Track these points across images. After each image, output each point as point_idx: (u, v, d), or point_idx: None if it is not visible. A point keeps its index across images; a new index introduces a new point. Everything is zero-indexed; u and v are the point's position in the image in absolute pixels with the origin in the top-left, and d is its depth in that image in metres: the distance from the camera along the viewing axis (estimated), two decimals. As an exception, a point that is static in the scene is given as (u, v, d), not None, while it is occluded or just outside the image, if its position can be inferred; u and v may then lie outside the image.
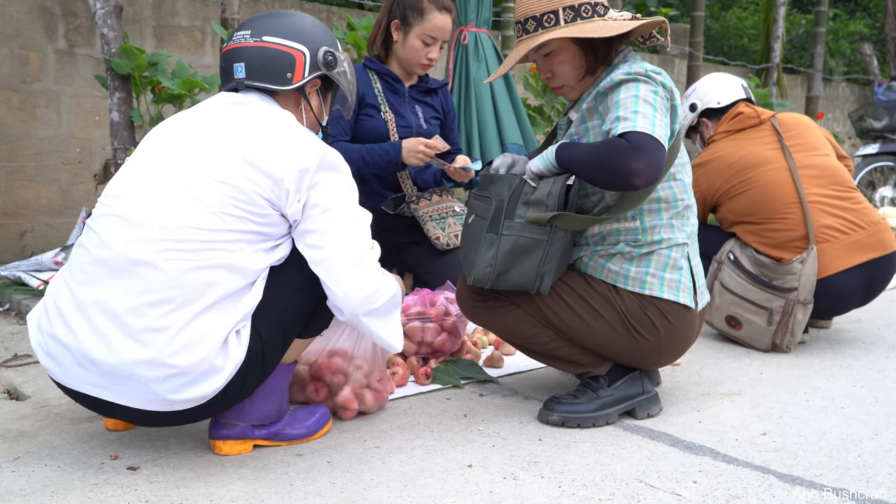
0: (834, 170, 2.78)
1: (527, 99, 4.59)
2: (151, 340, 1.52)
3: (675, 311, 1.95)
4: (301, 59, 1.76)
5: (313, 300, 1.71)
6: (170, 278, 1.53)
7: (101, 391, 1.58)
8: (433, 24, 2.76)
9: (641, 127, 1.74)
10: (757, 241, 2.73)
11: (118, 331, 1.53)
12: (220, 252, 1.57)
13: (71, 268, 1.64)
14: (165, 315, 1.53)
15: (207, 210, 1.58)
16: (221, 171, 1.60)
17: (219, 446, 1.74)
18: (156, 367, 1.52)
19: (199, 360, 1.53)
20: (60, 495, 1.54)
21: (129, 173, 1.68)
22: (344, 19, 5.10)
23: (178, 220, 1.56)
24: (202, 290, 1.55)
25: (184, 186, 1.60)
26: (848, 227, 2.69)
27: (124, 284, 1.54)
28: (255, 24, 1.77)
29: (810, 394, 2.27)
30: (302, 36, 1.77)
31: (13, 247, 4.13)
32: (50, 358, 1.61)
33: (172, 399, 1.55)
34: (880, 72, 10.58)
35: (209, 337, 1.54)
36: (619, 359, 2.01)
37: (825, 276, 2.65)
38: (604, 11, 1.97)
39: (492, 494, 1.57)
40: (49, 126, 4.19)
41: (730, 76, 3.04)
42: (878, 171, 6.83)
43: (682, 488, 1.62)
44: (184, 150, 1.66)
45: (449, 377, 2.28)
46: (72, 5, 4.21)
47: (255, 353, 1.61)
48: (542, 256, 1.86)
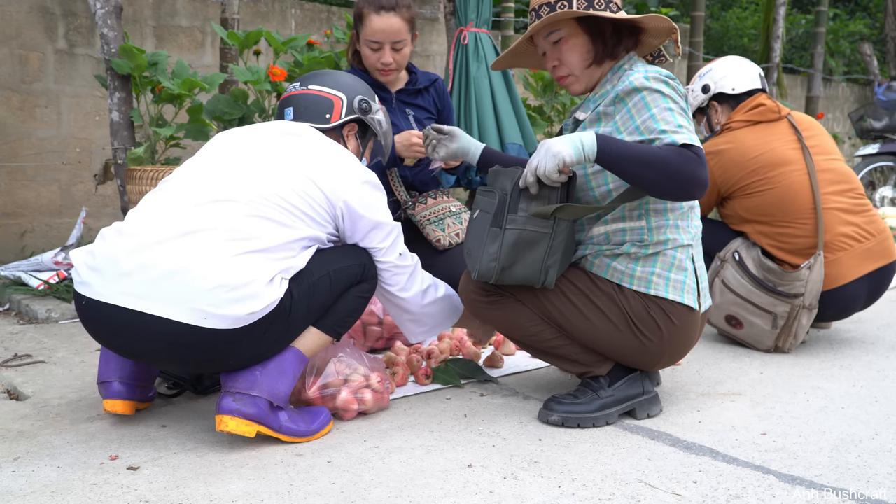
0: (849, 176, 2.75)
1: (527, 99, 4.59)
2: (210, 254, 1.69)
3: (679, 313, 1.95)
4: (339, 103, 2.09)
5: (336, 292, 1.88)
6: (237, 218, 1.75)
7: (138, 301, 1.68)
8: (371, 29, 2.67)
9: (696, 142, 1.80)
10: (770, 243, 2.69)
11: (181, 245, 1.70)
12: (283, 213, 1.80)
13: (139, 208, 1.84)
14: (227, 241, 1.71)
15: (283, 185, 1.82)
16: (299, 167, 1.87)
17: (225, 421, 1.73)
18: (208, 275, 1.66)
19: (249, 280, 1.69)
20: (60, 495, 1.54)
21: (209, 164, 1.89)
22: (344, 19, 5.11)
23: (259, 188, 1.80)
24: (261, 234, 1.75)
25: (267, 170, 1.85)
26: (862, 235, 2.67)
27: (194, 216, 1.75)
28: (304, 78, 2.15)
29: (810, 394, 2.27)
30: (340, 86, 2.12)
31: (13, 247, 4.14)
32: (93, 271, 1.73)
33: (210, 311, 1.66)
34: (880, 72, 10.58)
35: (260, 269, 1.72)
36: (621, 359, 2.01)
37: (838, 285, 2.63)
38: (616, 10, 1.98)
39: (492, 494, 1.57)
40: (49, 126, 4.19)
41: (748, 62, 2.92)
42: (878, 171, 6.83)
43: (682, 488, 1.62)
44: (263, 150, 1.90)
45: (449, 377, 2.28)
46: (72, 5, 4.21)
47: (285, 307, 1.75)
48: (547, 249, 1.86)
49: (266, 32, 3.35)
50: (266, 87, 3.24)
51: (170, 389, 2.14)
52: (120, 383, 1.87)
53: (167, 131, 3.11)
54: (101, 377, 1.89)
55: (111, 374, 1.87)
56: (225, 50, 3.73)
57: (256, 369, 1.77)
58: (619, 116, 1.90)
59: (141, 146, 3.13)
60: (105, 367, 1.89)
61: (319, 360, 1.99)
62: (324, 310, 1.87)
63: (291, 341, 1.83)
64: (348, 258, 1.91)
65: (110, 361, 1.89)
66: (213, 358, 1.74)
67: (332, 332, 1.90)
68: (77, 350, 2.60)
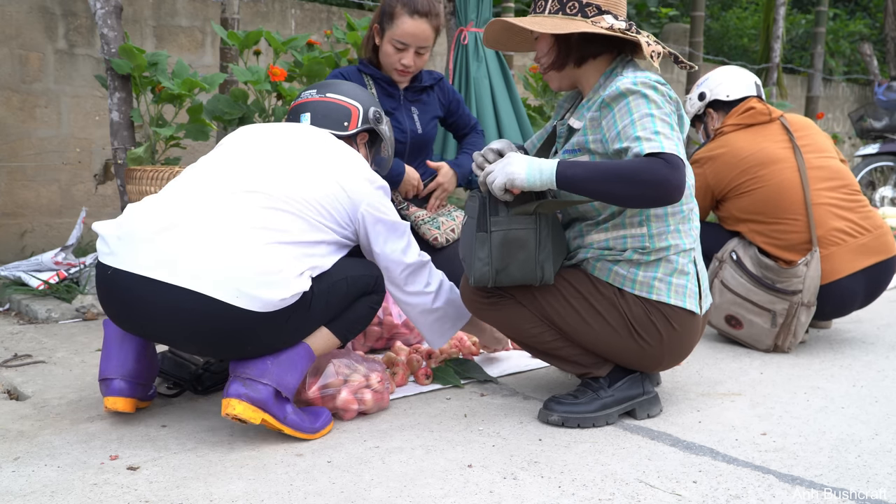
0: (842, 173, 2.77)
1: (527, 99, 4.59)
2: (246, 236, 1.74)
3: (680, 317, 1.95)
4: (356, 112, 2.19)
5: (350, 297, 1.93)
6: (271, 214, 1.79)
7: (169, 274, 1.69)
8: (402, 30, 2.69)
9: (669, 148, 1.76)
10: (765, 241, 2.71)
11: (216, 225, 1.74)
12: (314, 212, 1.85)
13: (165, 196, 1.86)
14: (262, 229, 1.76)
15: (313, 188, 1.88)
16: (327, 169, 1.93)
17: (233, 405, 1.73)
18: (243, 254, 1.70)
19: (281, 268, 1.73)
20: (60, 495, 1.54)
21: (232, 159, 1.92)
22: (344, 19, 5.11)
23: (291, 188, 1.85)
24: (292, 230, 1.80)
25: (298, 170, 1.90)
26: (856, 230, 2.69)
27: (230, 209, 1.78)
28: (319, 86, 2.23)
29: (810, 394, 2.27)
30: (357, 97, 2.22)
31: (13, 247, 4.14)
32: (120, 241, 1.76)
33: (240, 289, 1.68)
34: (880, 72, 10.58)
35: (290, 260, 1.76)
36: (620, 361, 2.01)
37: (833, 279, 2.65)
38: (593, 13, 1.93)
39: (492, 494, 1.57)
40: (49, 126, 4.19)
41: (745, 71, 2.98)
42: (878, 171, 6.83)
43: (682, 488, 1.62)
44: (288, 149, 1.95)
45: (449, 377, 2.28)
46: (72, 5, 4.21)
47: (307, 300, 1.79)
48: (536, 245, 1.87)
49: (266, 32, 3.35)
50: (266, 87, 3.24)
51: (170, 389, 2.14)
52: (121, 381, 1.86)
53: (167, 131, 3.11)
54: (102, 374, 1.88)
55: (112, 372, 1.87)
56: (225, 50, 3.73)
57: (268, 359, 1.79)
58: (604, 122, 1.88)
59: (141, 146, 3.12)
60: (106, 364, 1.88)
61: (319, 360, 1.99)
62: (338, 311, 1.91)
63: (306, 336, 1.87)
64: (364, 268, 1.97)
65: (111, 359, 1.88)
66: (232, 341, 1.75)
67: (341, 335, 1.94)
68: (77, 350, 2.60)
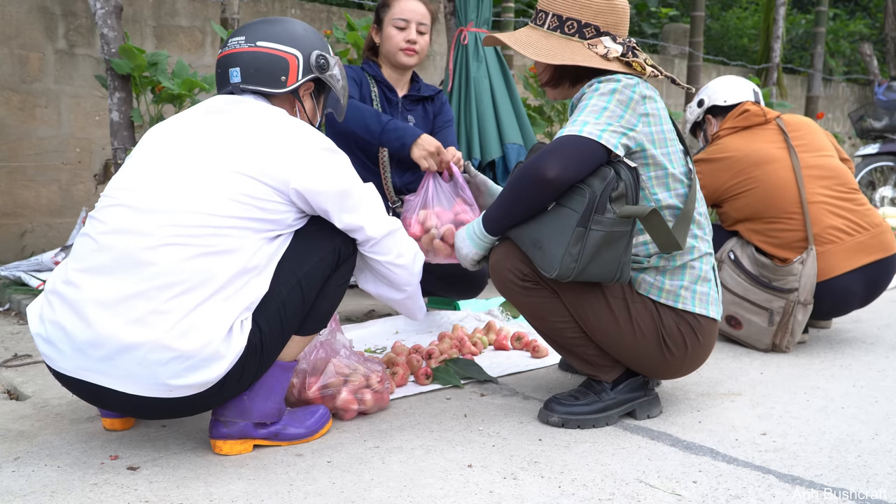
0: (839, 171, 2.78)
1: (527, 99, 4.59)
2: (156, 323, 1.54)
3: (704, 328, 1.95)
4: (294, 62, 1.82)
5: (311, 297, 1.74)
6: (175, 264, 1.56)
7: (99, 377, 1.57)
8: (400, 8, 2.82)
9: (586, 132, 1.77)
10: (761, 240, 2.72)
11: (123, 313, 1.54)
12: (225, 238, 1.61)
13: (75, 257, 1.65)
14: (171, 299, 1.55)
15: (214, 196, 1.62)
16: (230, 163, 1.66)
17: (219, 446, 1.74)
18: (159, 349, 1.53)
19: (203, 344, 1.55)
20: (60, 495, 1.54)
21: (135, 167, 1.71)
22: (344, 19, 5.11)
23: (187, 206, 1.61)
24: (208, 276, 1.58)
25: (191, 176, 1.64)
26: (852, 228, 2.69)
27: (132, 271, 1.57)
28: (248, 30, 1.83)
29: (810, 394, 2.27)
30: (295, 41, 1.83)
31: (13, 247, 4.14)
32: (49, 344, 1.61)
33: (173, 384, 1.56)
34: (880, 72, 10.58)
35: (215, 323, 1.57)
36: (638, 367, 1.99)
37: (829, 277, 2.65)
38: (591, 35, 1.94)
39: (492, 494, 1.57)
40: (49, 126, 4.19)
41: (744, 80, 3.04)
42: (878, 171, 6.83)
43: (682, 488, 1.62)
44: (189, 145, 1.70)
45: (449, 377, 2.28)
46: (72, 5, 4.21)
47: (255, 345, 1.64)
48: (625, 247, 1.83)
49: (266, 32, 3.34)
50: (266, 87, 3.23)
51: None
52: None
53: (167, 131, 3.11)
54: None
55: None
56: (225, 50, 3.73)
57: (244, 395, 1.72)
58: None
59: (141, 146, 3.12)
60: None
61: (319, 360, 1.99)
62: (302, 316, 1.74)
63: (272, 363, 1.73)
64: (318, 249, 1.74)
65: None
66: (195, 408, 1.67)
67: (314, 331, 1.82)
68: (77, 350, 2.59)
